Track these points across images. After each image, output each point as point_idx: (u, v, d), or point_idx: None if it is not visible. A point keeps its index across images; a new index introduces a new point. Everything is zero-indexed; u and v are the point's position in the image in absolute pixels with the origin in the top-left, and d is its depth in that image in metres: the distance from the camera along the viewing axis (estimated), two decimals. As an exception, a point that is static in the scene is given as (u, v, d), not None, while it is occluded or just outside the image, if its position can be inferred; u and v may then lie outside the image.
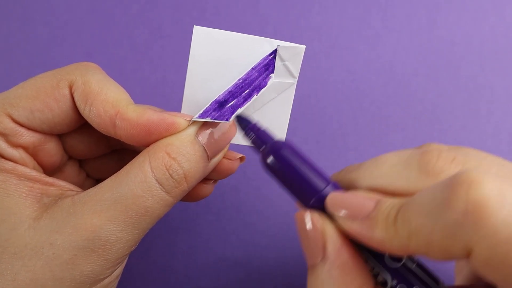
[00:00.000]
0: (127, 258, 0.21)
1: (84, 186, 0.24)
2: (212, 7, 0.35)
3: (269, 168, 0.18)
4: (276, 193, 0.32)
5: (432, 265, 0.26)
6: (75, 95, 0.20)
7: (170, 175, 0.19)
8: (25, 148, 0.20)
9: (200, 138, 0.20)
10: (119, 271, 0.21)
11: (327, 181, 0.17)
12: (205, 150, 0.20)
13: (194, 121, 0.20)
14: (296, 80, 0.22)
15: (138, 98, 0.32)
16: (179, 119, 0.20)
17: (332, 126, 0.34)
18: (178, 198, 0.20)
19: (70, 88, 0.20)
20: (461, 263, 0.22)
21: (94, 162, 0.25)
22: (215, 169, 0.22)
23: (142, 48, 0.35)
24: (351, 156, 0.33)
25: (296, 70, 0.22)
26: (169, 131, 0.20)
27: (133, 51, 0.35)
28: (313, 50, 0.35)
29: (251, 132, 0.20)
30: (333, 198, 0.16)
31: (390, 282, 0.16)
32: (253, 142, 0.19)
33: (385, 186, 0.17)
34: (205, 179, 0.23)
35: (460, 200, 0.12)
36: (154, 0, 0.36)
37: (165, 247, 0.32)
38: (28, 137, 0.20)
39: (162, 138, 0.20)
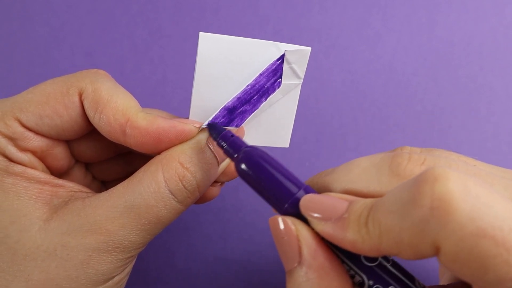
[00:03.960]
0: (136, 256, 0.21)
1: (90, 188, 0.24)
2: (212, 7, 0.35)
3: (243, 175, 0.18)
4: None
5: (414, 265, 0.26)
6: (85, 102, 0.20)
7: (184, 186, 0.19)
8: (33, 152, 0.20)
9: (210, 145, 0.20)
10: (129, 268, 0.21)
11: (300, 185, 0.17)
12: (215, 156, 0.20)
13: (203, 128, 0.20)
14: (302, 80, 0.22)
15: (138, 98, 0.32)
16: (189, 126, 0.20)
17: (332, 126, 0.34)
18: (189, 206, 0.20)
19: (80, 95, 0.20)
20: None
21: (101, 165, 0.25)
22: (223, 172, 0.22)
23: (142, 48, 0.35)
24: (351, 156, 0.33)
25: (301, 71, 0.22)
26: (180, 139, 0.20)
27: (133, 51, 0.35)
28: (313, 50, 0.35)
29: (223, 141, 0.19)
30: (306, 200, 0.16)
31: (367, 282, 0.16)
32: (225, 150, 0.19)
33: (358, 189, 0.17)
34: (213, 182, 0.23)
35: (425, 197, 0.12)
36: (154, 0, 0.36)
37: (165, 247, 0.32)
38: (37, 141, 0.20)
39: (172, 145, 0.20)
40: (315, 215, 0.16)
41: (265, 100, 0.22)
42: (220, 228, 0.32)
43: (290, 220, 0.16)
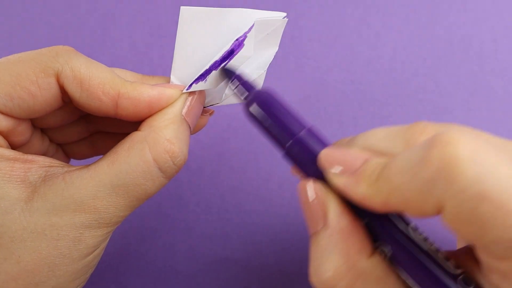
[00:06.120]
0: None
1: (48, 153, 0.24)
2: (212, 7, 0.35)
3: (251, 115, 0.19)
4: (276, 193, 0.32)
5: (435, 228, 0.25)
6: (66, 83, 0.19)
7: (173, 163, 0.20)
8: None
9: (184, 115, 0.21)
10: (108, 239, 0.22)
11: (304, 126, 0.18)
12: (189, 125, 0.21)
13: (179, 99, 0.21)
14: (277, 48, 0.23)
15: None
16: (174, 91, 0.21)
17: (332, 126, 0.34)
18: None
19: (56, 76, 0.19)
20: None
21: (61, 129, 0.24)
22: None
23: (142, 48, 0.35)
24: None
25: (277, 39, 0.23)
26: (168, 103, 0.21)
27: (133, 51, 0.35)
28: (313, 50, 0.35)
29: (236, 82, 0.21)
30: (325, 153, 0.17)
31: (388, 254, 0.16)
32: (237, 91, 0.21)
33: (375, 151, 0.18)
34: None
35: (435, 158, 0.13)
36: (154, 0, 0.36)
37: (165, 247, 0.32)
38: (4, 122, 0.19)
39: (160, 110, 0.21)
40: (332, 168, 0.17)
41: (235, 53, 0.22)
42: (221, 228, 0.32)
43: (318, 185, 0.17)
